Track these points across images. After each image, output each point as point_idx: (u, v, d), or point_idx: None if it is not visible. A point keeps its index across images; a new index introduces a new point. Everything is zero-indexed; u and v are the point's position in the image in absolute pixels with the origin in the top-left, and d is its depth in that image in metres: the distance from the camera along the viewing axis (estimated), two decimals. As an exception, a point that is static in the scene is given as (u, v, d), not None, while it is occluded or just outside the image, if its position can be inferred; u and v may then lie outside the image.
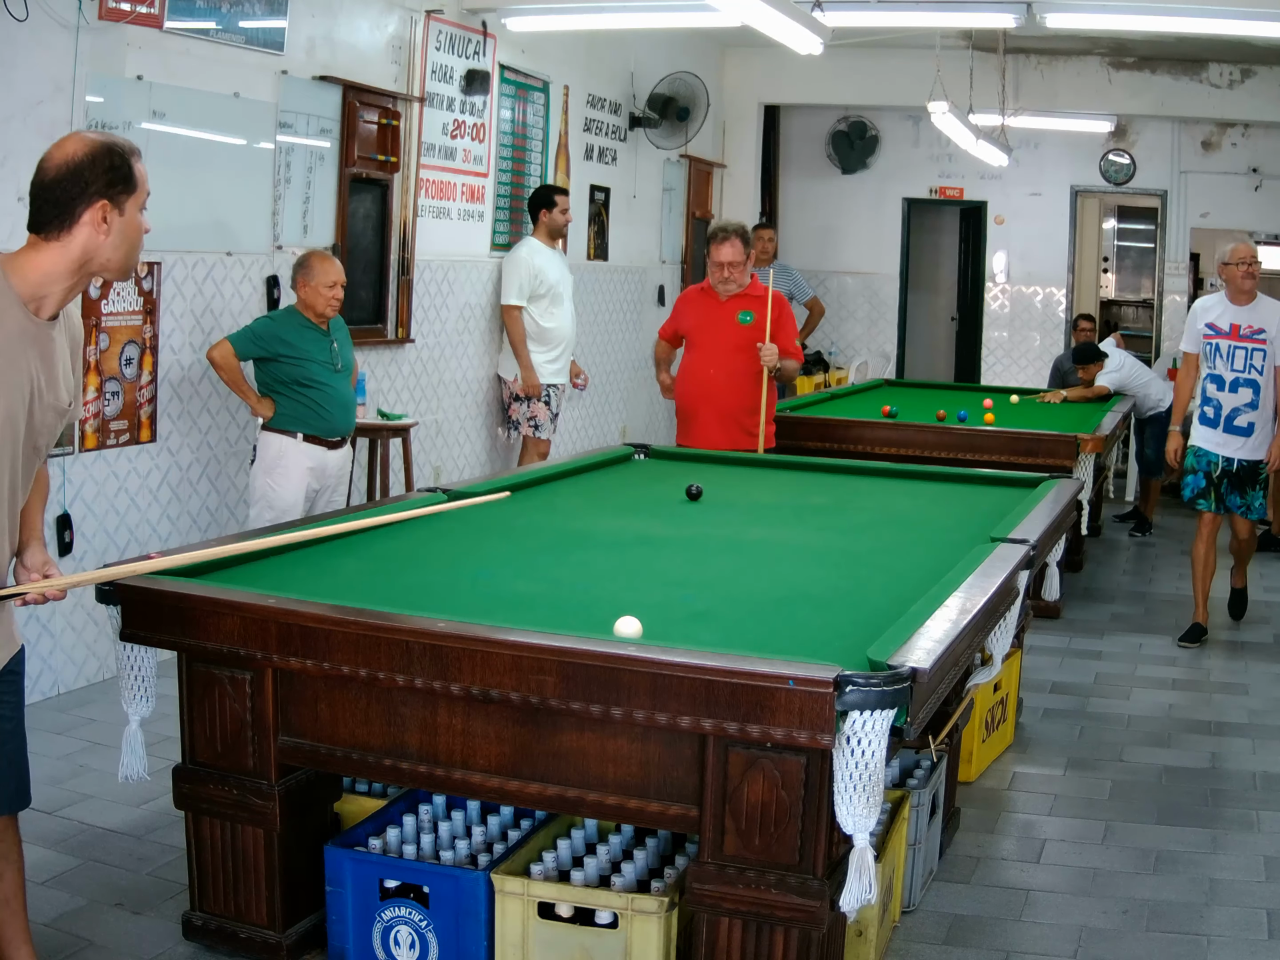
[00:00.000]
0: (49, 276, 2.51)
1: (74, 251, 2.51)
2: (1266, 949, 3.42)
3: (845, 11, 6.73)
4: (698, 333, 6.10)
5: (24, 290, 2.48)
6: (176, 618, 2.98)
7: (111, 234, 2.52)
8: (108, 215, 2.50)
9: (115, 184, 2.51)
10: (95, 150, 2.51)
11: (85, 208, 2.49)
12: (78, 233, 2.50)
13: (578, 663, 2.62)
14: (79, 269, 2.54)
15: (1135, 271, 13.71)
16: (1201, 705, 5.46)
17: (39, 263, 2.50)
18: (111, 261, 2.56)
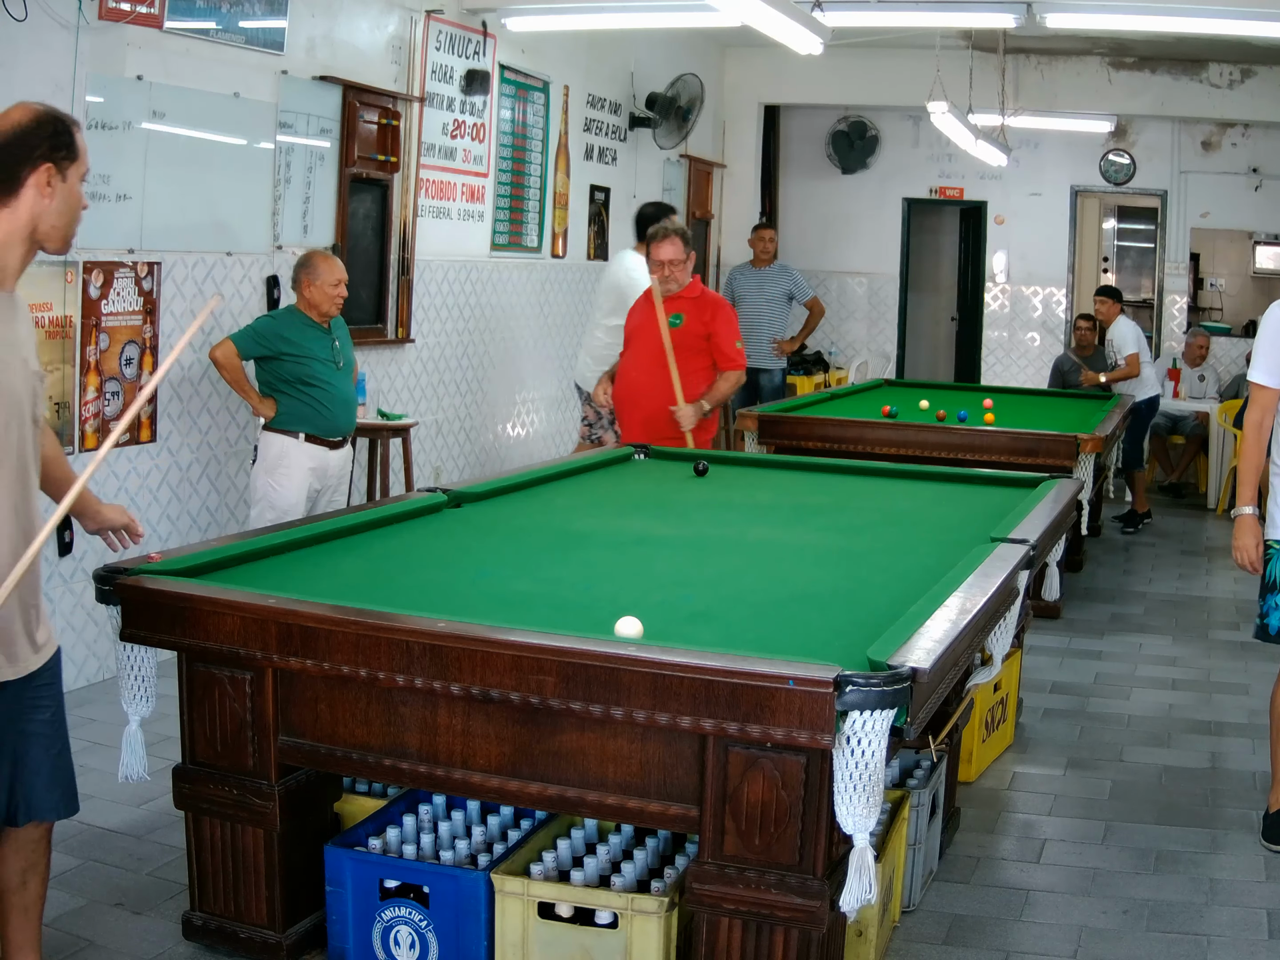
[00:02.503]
0: (3, 247, 2.56)
1: (22, 216, 2.56)
2: (1266, 949, 3.42)
3: (845, 11, 6.74)
4: (634, 334, 5.99)
5: None
6: (176, 618, 2.97)
7: (55, 199, 2.57)
8: (51, 179, 2.56)
9: (59, 149, 2.57)
10: (40, 116, 2.57)
11: (30, 170, 2.54)
12: (24, 196, 2.55)
13: (578, 663, 2.62)
14: (29, 236, 2.58)
15: (1135, 271, 13.71)
16: (1201, 705, 5.46)
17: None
18: (55, 229, 2.61)
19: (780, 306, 9.22)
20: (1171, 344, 11.23)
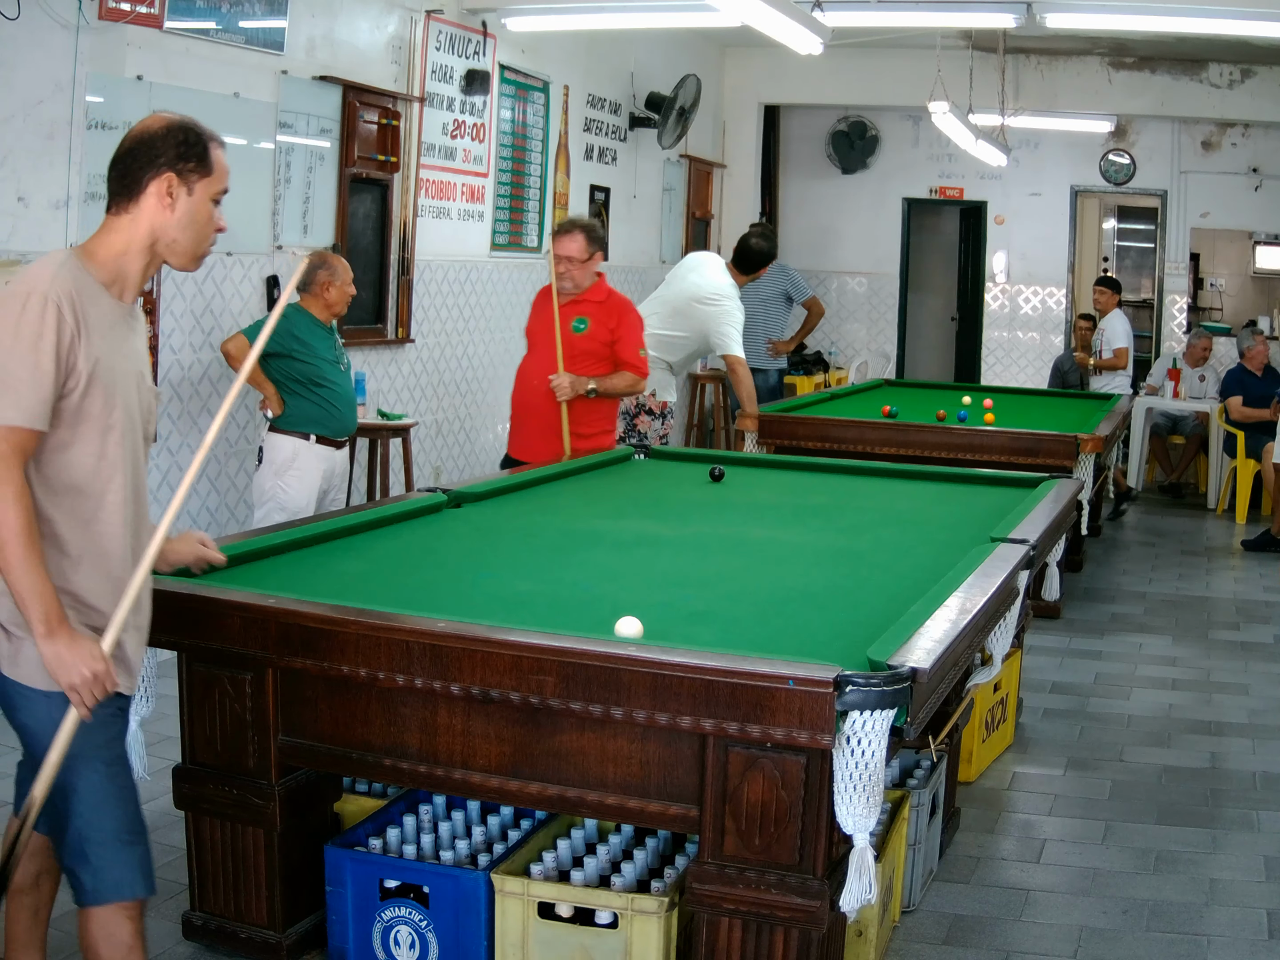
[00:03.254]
0: (123, 256, 2.47)
1: (142, 226, 2.47)
2: (1266, 949, 3.42)
3: (845, 11, 6.74)
4: (534, 336, 5.59)
5: (103, 275, 2.44)
6: (176, 618, 2.97)
7: (177, 211, 2.47)
8: (173, 189, 2.46)
9: (187, 159, 2.47)
10: (171, 125, 2.49)
11: (152, 178, 2.46)
12: (144, 204, 2.46)
13: (578, 663, 2.61)
14: (149, 247, 2.48)
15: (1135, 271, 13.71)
16: (1201, 705, 5.46)
17: (111, 243, 2.47)
18: (177, 243, 2.49)
19: (777, 306, 9.21)
20: (1172, 344, 11.23)
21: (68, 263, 2.40)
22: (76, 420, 2.37)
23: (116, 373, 2.43)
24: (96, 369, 2.37)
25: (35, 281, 2.34)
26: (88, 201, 4.99)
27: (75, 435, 2.38)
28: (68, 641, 2.32)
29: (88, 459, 2.40)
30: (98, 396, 2.38)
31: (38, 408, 2.31)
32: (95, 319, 2.38)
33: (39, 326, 2.29)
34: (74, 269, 2.39)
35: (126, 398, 2.46)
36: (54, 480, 2.39)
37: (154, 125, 2.49)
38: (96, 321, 2.38)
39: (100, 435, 2.40)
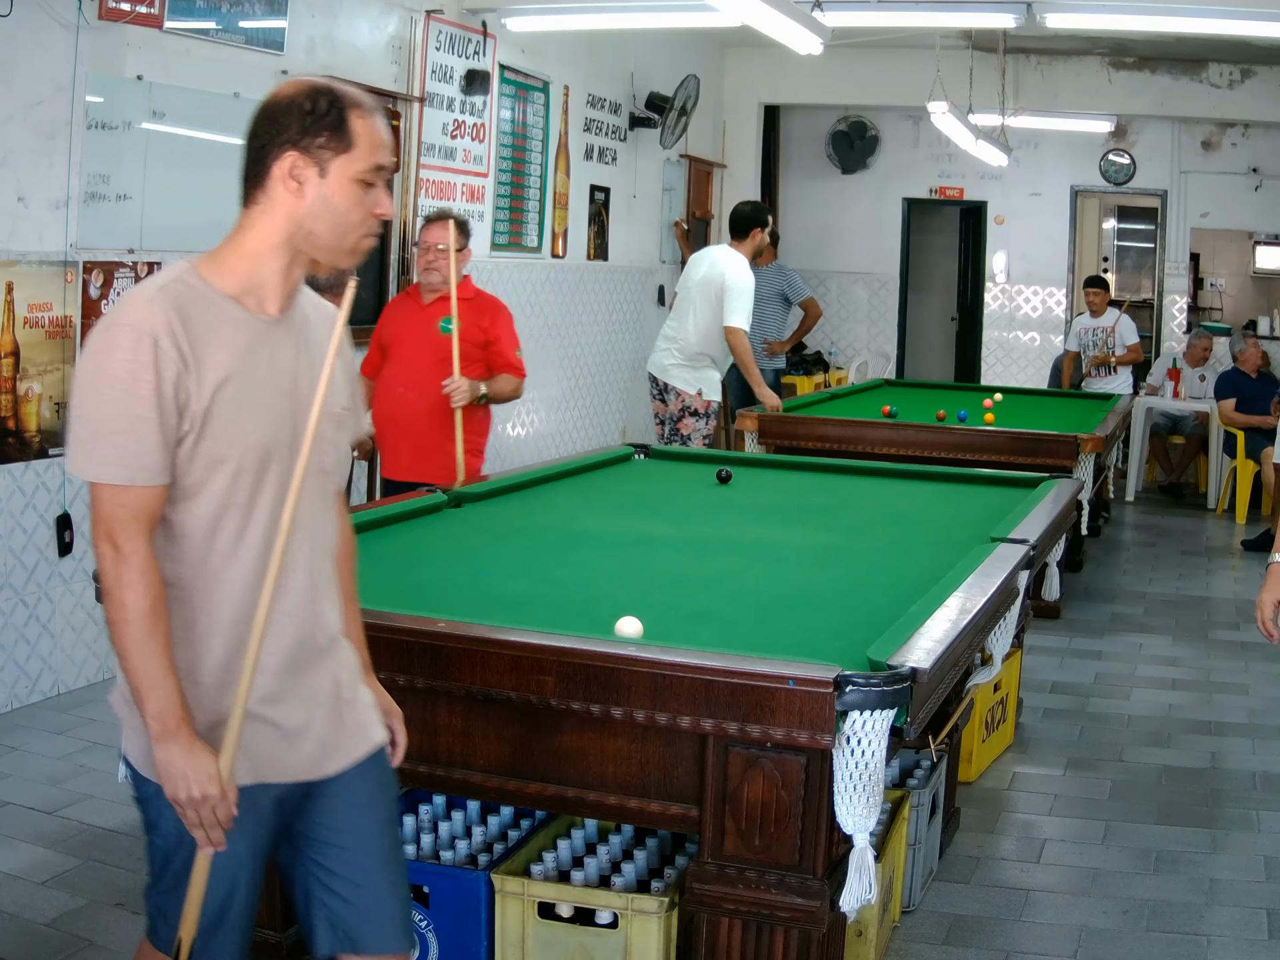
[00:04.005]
0: (255, 259, 2.03)
1: (275, 218, 2.02)
2: (1266, 949, 3.42)
3: (845, 11, 6.73)
4: (395, 343, 5.09)
5: (231, 284, 2.01)
6: (176, 618, 2.97)
7: (308, 198, 2.01)
8: (298, 171, 2.00)
9: (315, 133, 1.99)
10: (303, 90, 2.01)
11: (275, 158, 2.00)
12: (273, 192, 2.01)
13: (578, 663, 2.61)
14: (285, 242, 2.03)
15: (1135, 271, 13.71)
16: (1201, 705, 5.46)
17: (242, 245, 2.04)
18: (315, 237, 2.03)
19: (773, 306, 9.20)
20: (1172, 344, 11.23)
21: (173, 282, 1.98)
22: (194, 466, 1.97)
23: (253, 402, 1.99)
24: (217, 403, 1.95)
25: (125, 311, 1.94)
26: (88, 201, 4.99)
27: (195, 484, 1.98)
28: (184, 750, 1.93)
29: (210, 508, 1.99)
30: (222, 435, 1.96)
31: (147, 460, 1.92)
32: (216, 343, 1.97)
33: (131, 366, 1.89)
34: (180, 288, 1.97)
35: (269, 430, 2.02)
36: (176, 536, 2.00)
37: (283, 92, 2.02)
38: (218, 345, 1.97)
39: (229, 479, 1.98)
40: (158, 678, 1.92)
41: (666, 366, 7.03)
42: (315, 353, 2.09)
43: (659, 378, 7.08)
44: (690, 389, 6.96)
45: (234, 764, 1.96)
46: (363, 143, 2.03)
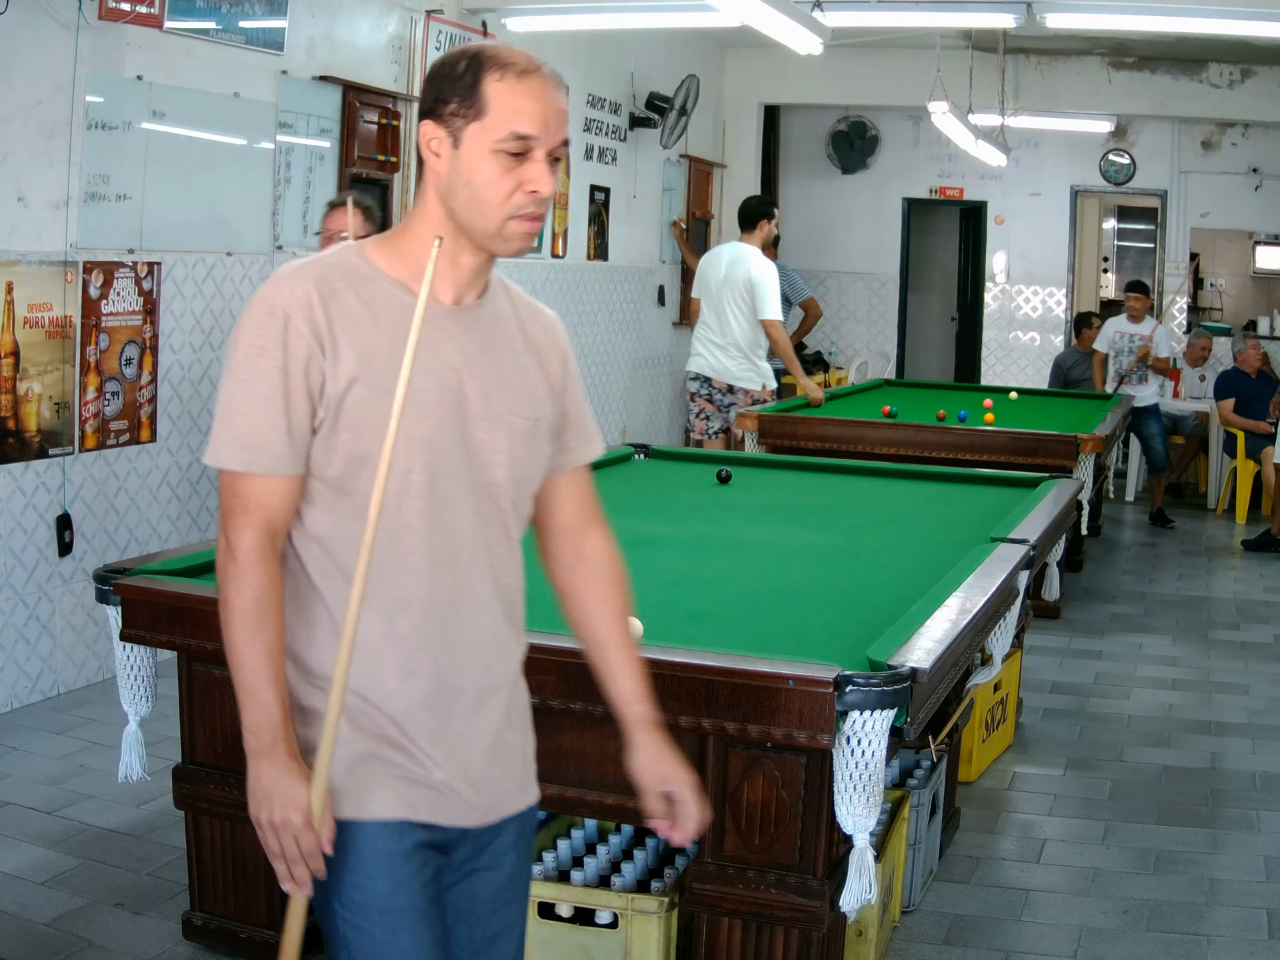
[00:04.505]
0: (417, 240, 1.83)
1: (430, 197, 1.83)
2: (1266, 949, 3.42)
3: (845, 11, 6.73)
4: None
5: (399, 268, 1.82)
6: (176, 618, 2.97)
7: (444, 173, 1.80)
8: (435, 142, 1.80)
9: (445, 99, 1.78)
10: (450, 56, 1.82)
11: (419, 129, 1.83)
12: (428, 167, 1.83)
13: (578, 663, 2.61)
14: (444, 223, 1.82)
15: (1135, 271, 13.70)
16: (1201, 705, 5.46)
17: (409, 224, 1.87)
18: (456, 216, 1.81)
19: None
20: (1172, 344, 11.22)
21: (326, 258, 1.83)
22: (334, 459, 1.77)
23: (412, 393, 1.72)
24: (355, 389, 1.75)
25: (267, 286, 1.79)
26: (88, 201, 4.99)
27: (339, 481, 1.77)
28: (276, 771, 1.74)
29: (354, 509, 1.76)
30: (361, 426, 1.75)
31: (269, 445, 1.73)
32: (367, 325, 1.77)
33: (259, 342, 1.74)
34: (332, 265, 1.81)
35: (423, 428, 1.78)
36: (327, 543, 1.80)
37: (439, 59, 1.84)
38: (370, 328, 1.77)
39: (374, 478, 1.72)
40: (258, 686, 1.74)
41: (729, 369, 7.35)
42: (504, 359, 1.87)
43: (720, 380, 7.38)
44: (755, 385, 7.35)
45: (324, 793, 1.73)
46: (498, 108, 1.75)
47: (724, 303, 7.25)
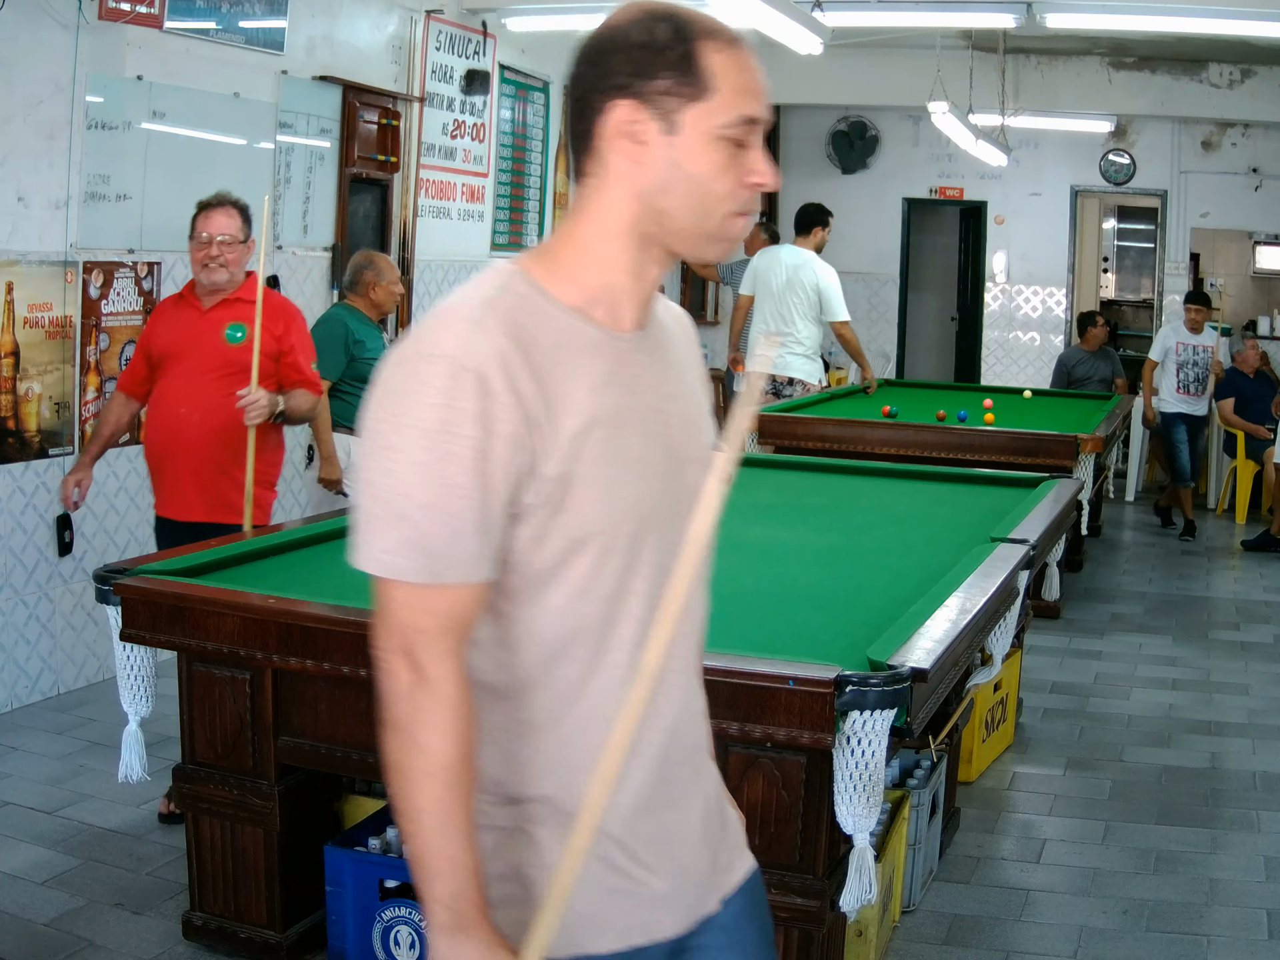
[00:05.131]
0: (596, 254, 1.48)
1: (617, 196, 1.46)
2: (1266, 949, 3.42)
3: (845, 11, 6.74)
4: (171, 356, 4.21)
5: (574, 293, 1.47)
6: (176, 618, 2.97)
7: (654, 165, 1.44)
8: (636, 127, 1.43)
9: (650, 73, 1.42)
10: (634, 18, 1.44)
11: (602, 112, 1.44)
12: (607, 160, 1.46)
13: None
14: (633, 229, 1.47)
15: (1135, 271, 13.70)
16: (1201, 705, 5.46)
17: (578, 235, 1.49)
18: (668, 218, 1.46)
19: None
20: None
21: (502, 293, 1.44)
22: (546, 549, 1.43)
23: (622, 455, 1.45)
24: (581, 462, 1.41)
25: (437, 335, 1.40)
26: (88, 201, 4.99)
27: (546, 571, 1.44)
28: (480, 949, 1.41)
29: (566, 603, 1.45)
30: (588, 505, 1.43)
31: (461, 548, 1.39)
32: (569, 377, 1.42)
33: (446, 415, 1.36)
34: (513, 301, 1.43)
35: (644, 491, 1.47)
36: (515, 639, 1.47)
37: (612, 20, 1.46)
38: (573, 380, 1.43)
39: (594, 564, 1.44)
40: (457, 851, 1.41)
41: (791, 363, 7.75)
42: (681, 377, 1.58)
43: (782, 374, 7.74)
44: (814, 380, 7.85)
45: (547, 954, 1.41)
46: (725, 85, 1.44)
47: (789, 307, 7.66)
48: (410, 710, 1.40)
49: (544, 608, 1.45)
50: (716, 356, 10.80)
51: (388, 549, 1.39)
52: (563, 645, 1.46)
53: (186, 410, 4.13)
